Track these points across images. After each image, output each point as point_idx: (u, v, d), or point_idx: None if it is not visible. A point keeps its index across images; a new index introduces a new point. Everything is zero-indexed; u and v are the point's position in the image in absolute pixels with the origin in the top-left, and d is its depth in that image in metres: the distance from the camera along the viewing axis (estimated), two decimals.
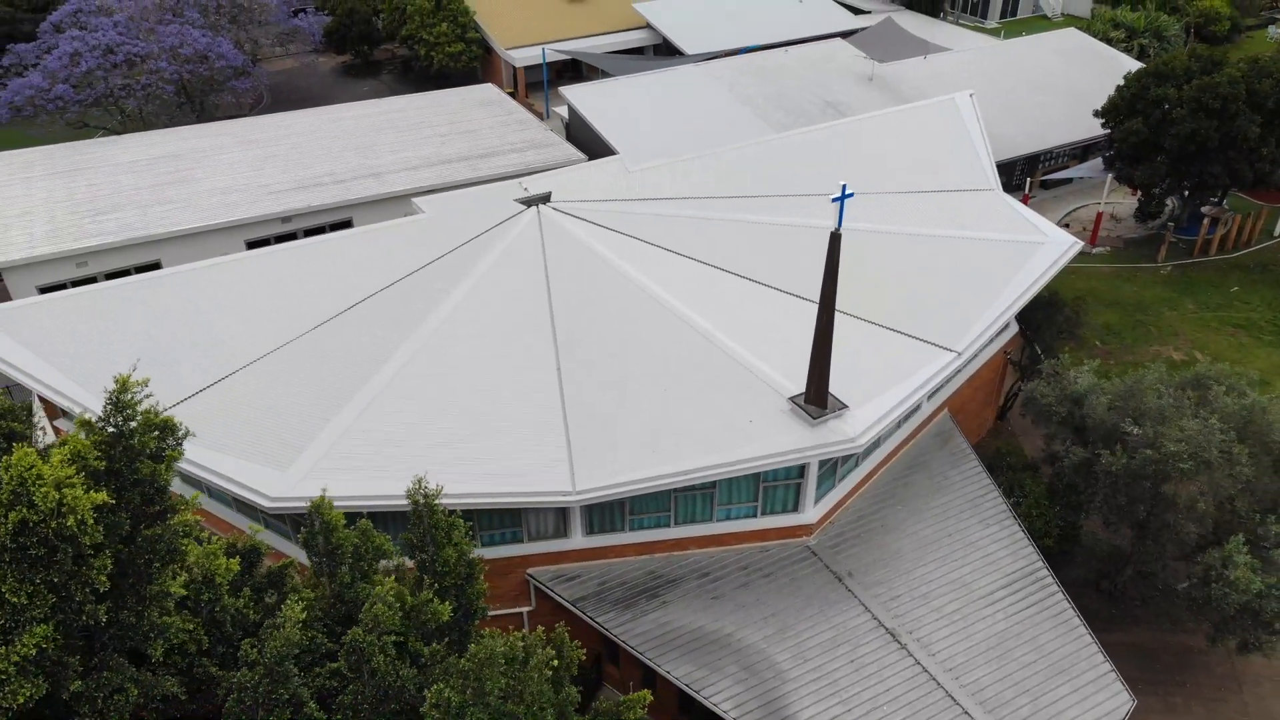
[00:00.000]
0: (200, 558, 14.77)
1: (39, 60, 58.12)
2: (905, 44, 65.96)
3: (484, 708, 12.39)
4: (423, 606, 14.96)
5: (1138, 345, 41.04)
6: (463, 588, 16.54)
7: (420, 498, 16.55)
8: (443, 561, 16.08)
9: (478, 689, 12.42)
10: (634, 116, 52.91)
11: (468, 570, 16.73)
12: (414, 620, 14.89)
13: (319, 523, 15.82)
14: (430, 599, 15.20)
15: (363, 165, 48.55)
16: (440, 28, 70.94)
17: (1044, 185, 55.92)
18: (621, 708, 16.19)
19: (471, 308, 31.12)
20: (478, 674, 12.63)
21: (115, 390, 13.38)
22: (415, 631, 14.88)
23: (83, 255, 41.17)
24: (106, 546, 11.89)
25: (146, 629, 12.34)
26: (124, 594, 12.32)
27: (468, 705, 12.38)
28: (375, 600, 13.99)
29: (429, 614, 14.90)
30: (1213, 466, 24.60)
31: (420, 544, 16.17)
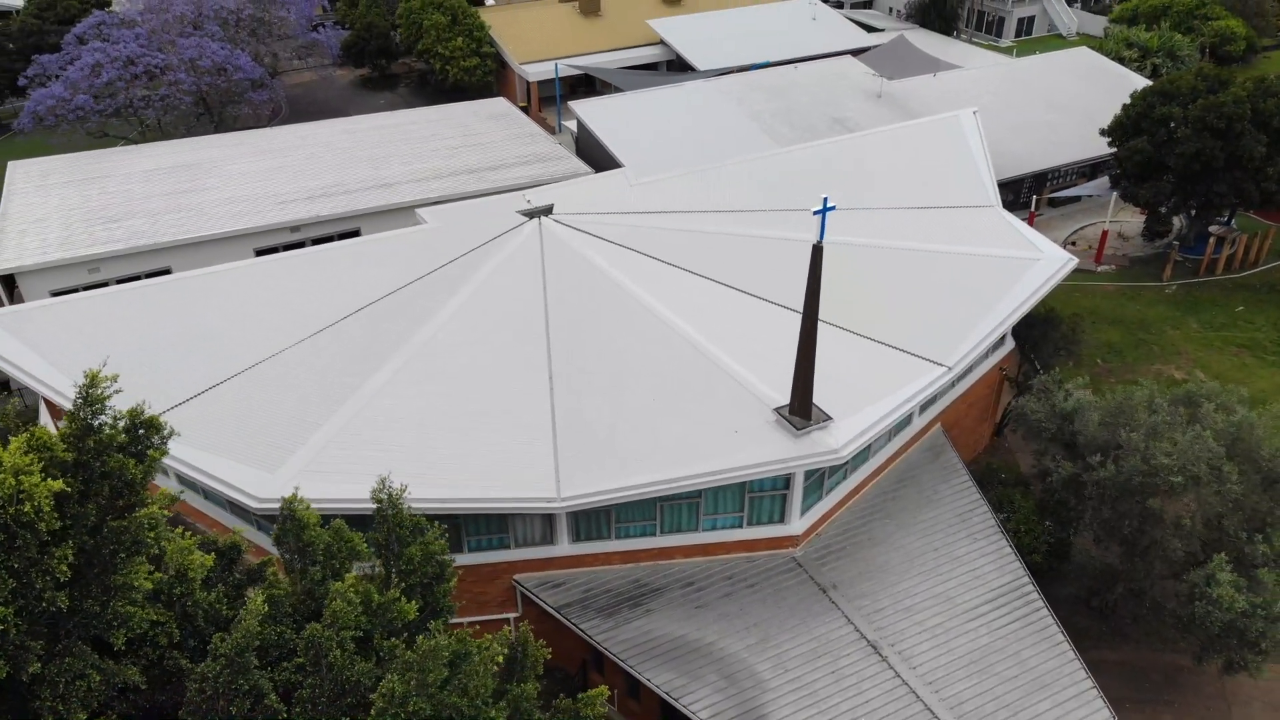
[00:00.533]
0: (174, 553, 15.13)
1: (62, 71, 59.38)
2: (916, 62, 66.26)
3: (426, 698, 12.66)
4: (389, 605, 15.25)
5: (1139, 364, 40.88)
6: (430, 587, 16.83)
7: (384, 496, 16.88)
8: (407, 559, 16.38)
9: (420, 679, 12.70)
10: (641, 131, 53.40)
11: (436, 570, 17.01)
12: (380, 618, 15.18)
13: (290, 520, 16.17)
14: (397, 597, 15.49)
15: (372, 176, 49.23)
16: (455, 42, 71.85)
17: (1052, 203, 55.87)
18: (580, 704, 16.38)
19: (467, 316, 31.52)
20: (421, 665, 12.90)
21: (84, 385, 13.79)
22: (381, 629, 15.17)
23: (94, 261, 41.96)
24: (70, 535, 12.27)
25: (110, 618, 12.70)
26: (89, 583, 12.69)
27: (411, 695, 12.65)
28: (335, 596, 14.30)
29: (395, 612, 15.18)
30: (1201, 483, 24.54)
31: (385, 542, 16.49)
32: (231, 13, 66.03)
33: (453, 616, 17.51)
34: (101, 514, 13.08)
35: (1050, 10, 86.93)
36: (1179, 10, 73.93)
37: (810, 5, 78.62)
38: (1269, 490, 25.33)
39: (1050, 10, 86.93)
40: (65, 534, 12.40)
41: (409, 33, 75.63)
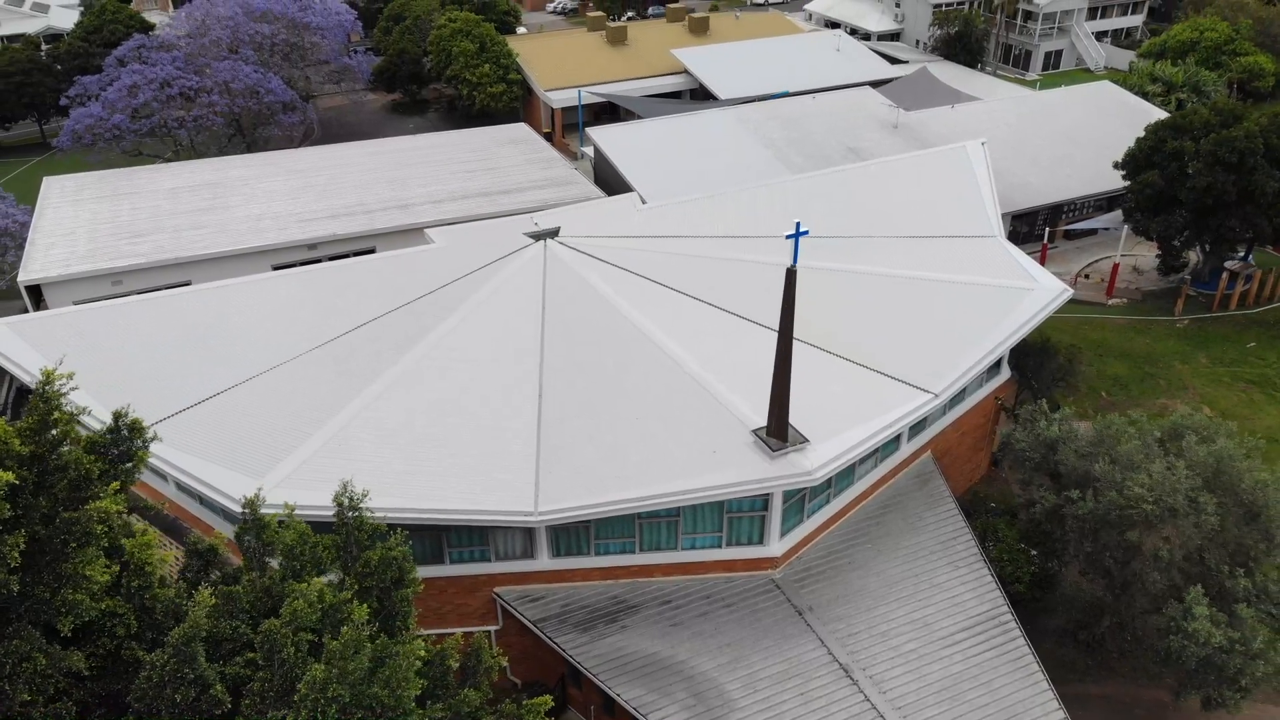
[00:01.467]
0: (134, 548, 15.80)
1: (102, 91, 61.58)
2: (936, 93, 66.60)
3: (346, 687, 13.11)
4: (341, 605, 15.75)
5: (1144, 398, 40.56)
6: (389, 591, 17.32)
7: (345, 500, 17.45)
8: (364, 562, 16.90)
9: (342, 669, 13.15)
10: (656, 157, 54.18)
11: (396, 575, 17.51)
12: (331, 618, 15.68)
13: (251, 520, 16.78)
14: (349, 599, 15.99)
15: (391, 197, 50.40)
16: (483, 69, 73.38)
17: (1068, 236, 55.71)
18: (524, 710, 16.71)
19: (464, 334, 32.18)
20: (343, 654, 13.37)
21: (40, 382, 14.52)
22: (332, 630, 15.66)
23: (117, 274, 43.36)
24: (22, 524, 12.95)
25: (59, 605, 13.33)
26: (40, 570, 13.35)
27: (331, 683, 13.11)
28: (298, 596, 14.84)
29: (345, 612, 15.68)
30: (1179, 515, 24.40)
31: (345, 545, 17.02)
32: (266, 38, 68.13)
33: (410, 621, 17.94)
34: (55, 505, 13.78)
35: (1079, 45, 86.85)
36: (1207, 46, 73.56)
37: (835, 37, 79.36)
38: (1251, 524, 25.10)
39: (1079, 45, 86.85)
40: (18, 523, 13.08)
41: (439, 59, 77.36)
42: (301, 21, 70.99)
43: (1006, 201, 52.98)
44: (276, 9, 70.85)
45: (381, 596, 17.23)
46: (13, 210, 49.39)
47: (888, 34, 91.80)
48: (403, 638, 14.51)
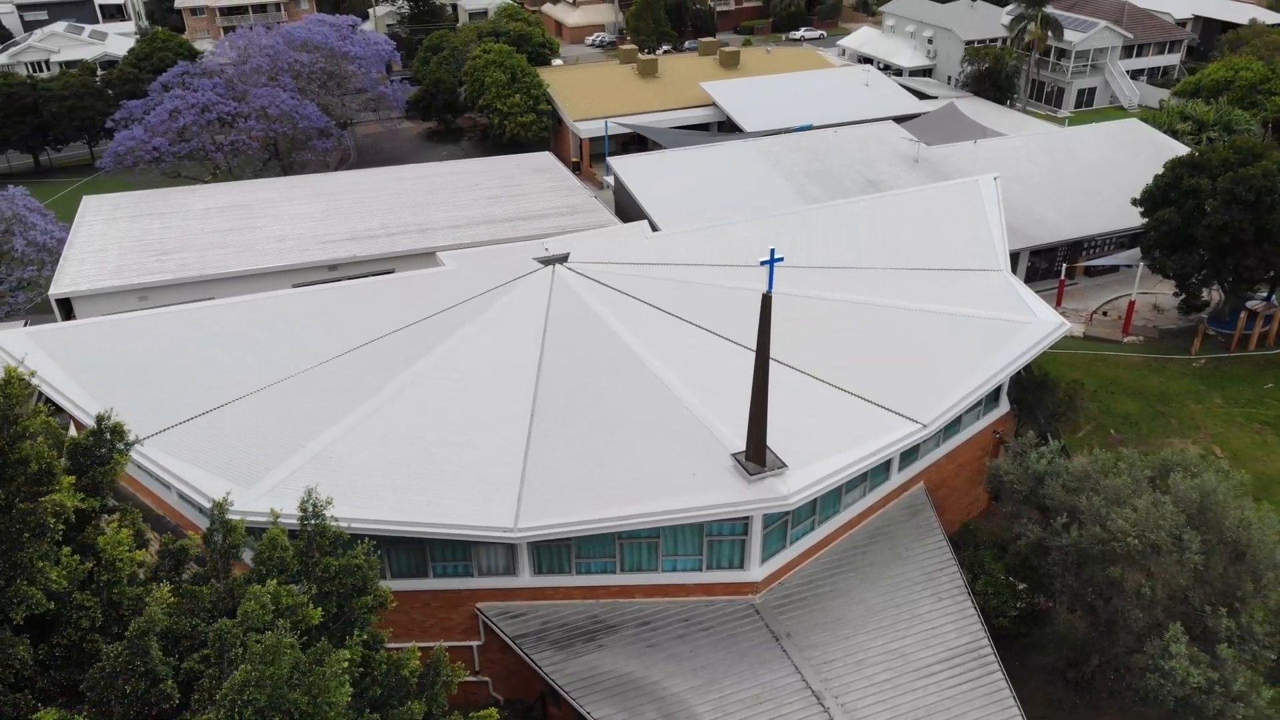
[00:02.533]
0: (107, 545, 16.46)
1: (145, 115, 63.88)
2: (962, 129, 66.59)
3: (264, 690, 13.50)
4: (296, 608, 16.23)
5: (1154, 436, 39.99)
6: (349, 597, 17.77)
7: (309, 507, 18.00)
8: (324, 568, 17.38)
9: (261, 673, 13.56)
10: (675, 187, 54.81)
11: (358, 583, 17.97)
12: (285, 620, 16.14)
13: (219, 522, 17.39)
14: (305, 602, 16.47)
15: (412, 221, 51.57)
16: (513, 99, 74.90)
17: (1089, 272, 55.24)
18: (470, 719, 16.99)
19: (464, 353, 32.82)
20: (264, 658, 13.78)
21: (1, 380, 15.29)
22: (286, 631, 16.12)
23: (144, 290, 44.84)
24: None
25: (11, 595, 13.97)
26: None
27: (249, 685, 13.52)
28: (251, 597, 15.36)
29: (299, 615, 16.14)
30: (1162, 551, 24.11)
31: (306, 550, 17.53)
32: (305, 66, 70.26)
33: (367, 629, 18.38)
34: (11, 497, 14.49)
35: (1112, 83, 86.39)
36: (1242, 85, 72.74)
37: (863, 72, 79.79)
38: (1237, 563, 24.70)
39: (1112, 83, 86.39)
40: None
41: (473, 89, 79.12)
42: (340, 51, 73.17)
43: (1024, 237, 52.85)
44: (317, 39, 73.18)
45: (341, 603, 17.69)
46: (51, 227, 51.32)
47: (920, 70, 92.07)
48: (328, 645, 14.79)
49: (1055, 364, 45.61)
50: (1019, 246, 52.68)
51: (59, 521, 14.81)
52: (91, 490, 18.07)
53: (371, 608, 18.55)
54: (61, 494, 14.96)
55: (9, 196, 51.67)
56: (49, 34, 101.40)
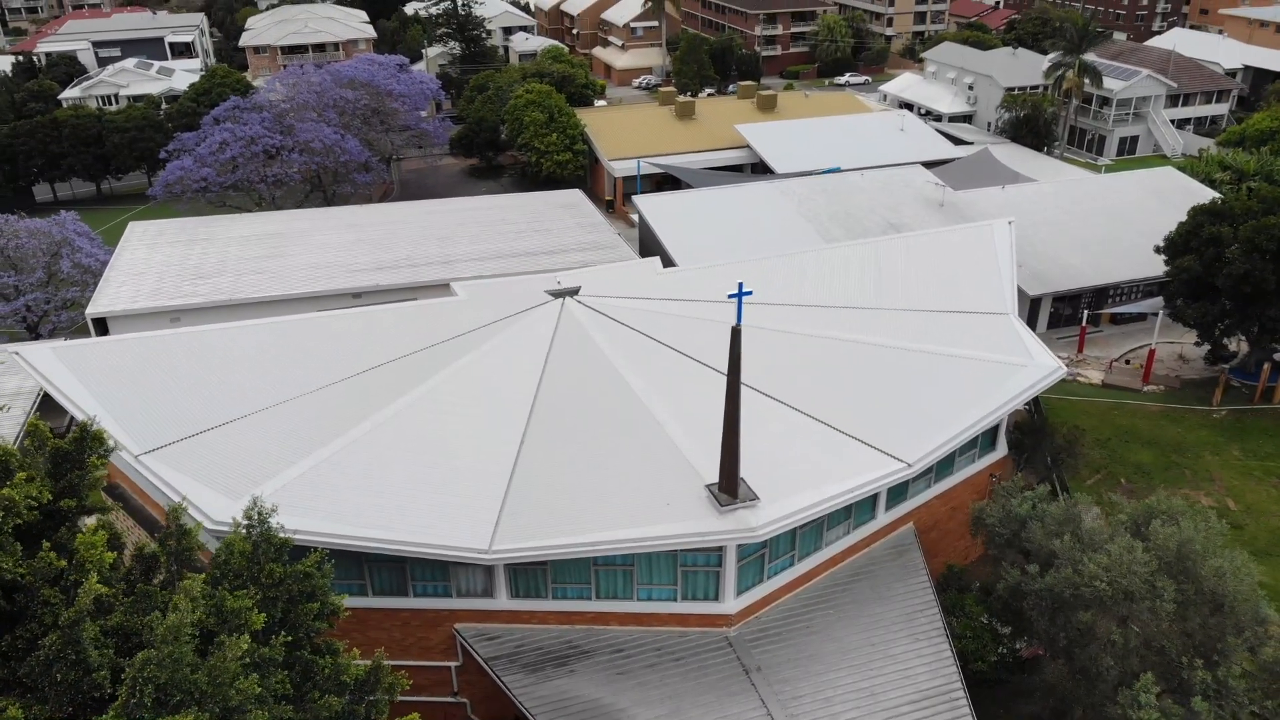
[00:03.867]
0: (81, 544, 17.36)
1: (196, 147, 66.68)
2: (993, 174, 66.52)
3: (165, 670, 14.11)
4: (240, 611, 16.91)
5: (1166, 487, 39.05)
6: (296, 602, 18.43)
7: (255, 514, 18.76)
8: (268, 573, 18.08)
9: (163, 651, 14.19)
10: (696, 225, 55.60)
11: (307, 590, 18.62)
12: (230, 623, 16.85)
13: (175, 525, 18.23)
14: (250, 606, 17.15)
15: (438, 253, 52.98)
16: (550, 138, 76.62)
17: (1115, 320, 54.54)
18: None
19: (464, 380, 33.62)
20: (164, 638, 14.43)
21: None
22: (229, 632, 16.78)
23: (176, 312, 46.67)
24: None
25: None
26: None
27: (150, 664, 14.16)
28: (182, 593, 16.11)
29: (242, 618, 16.82)
30: (1135, 598, 23.76)
31: (252, 556, 18.25)
32: (350, 103, 72.80)
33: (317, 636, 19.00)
34: None
35: (1155, 131, 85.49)
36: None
37: (899, 117, 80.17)
38: (1216, 614, 24.19)
39: (1155, 131, 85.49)
40: None
41: (513, 128, 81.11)
42: (385, 89, 75.69)
43: (1047, 282, 52.53)
44: (364, 77, 75.83)
45: (287, 609, 18.35)
46: (96, 250, 53.73)
47: (959, 116, 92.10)
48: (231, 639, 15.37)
49: (1070, 411, 45.09)
50: (1041, 292, 52.43)
51: (10, 515, 15.72)
52: (69, 492, 19.03)
53: (321, 615, 19.14)
54: (11, 490, 15.89)
55: (60, 221, 54.26)
56: (119, 69, 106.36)
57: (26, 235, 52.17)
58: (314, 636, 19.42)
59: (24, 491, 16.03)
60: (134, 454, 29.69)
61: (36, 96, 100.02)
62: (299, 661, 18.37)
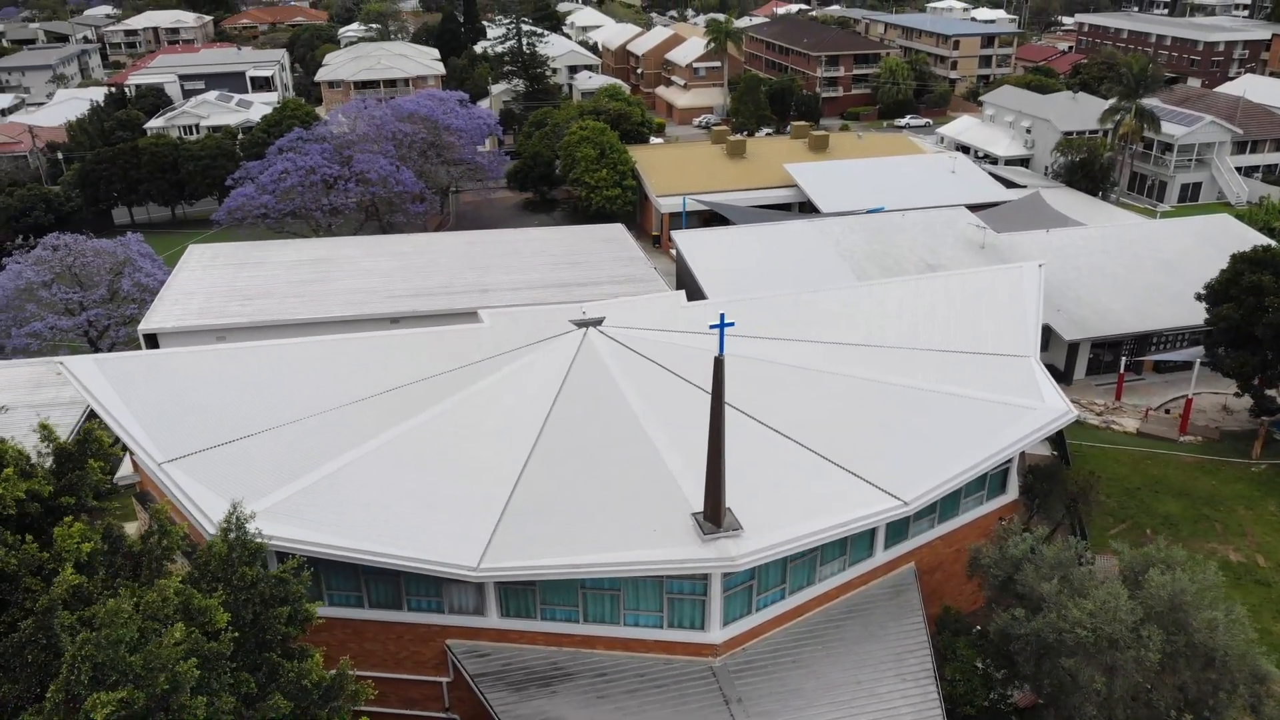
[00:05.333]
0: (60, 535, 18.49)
1: (260, 175, 69.70)
2: (1041, 218, 65.71)
3: (104, 651, 14.87)
4: (207, 609, 17.75)
5: (1193, 539, 38.04)
6: (269, 605, 19.21)
7: (233, 519, 19.65)
8: (240, 576, 18.89)
9: (101, 634, 14.96)
10: (732, 261, 56.07)
11: (280, 594, 19.41)
12: (197, 619, 17.68)
13: (156, 525, 19.23)
14: (216, 605, 17.97)
15: (475, 281, 54.38)
16: (600, 173, 78.05)
17: (1158, 368, 53.24)
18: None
19: (477, 404, 34.43)
20: (104, 621, 15.21)
21: None
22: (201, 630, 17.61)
23: (221, 330, 48.72)
24: None
25: None
26: None
27: (89, 643, 14.93)
28: (153, 590, 17.01)
29: (208, 616, 17.64)
30: (1119, 646, 23.23)
31: (227, 559, 19.10)
32: (407, 135, 75.34)
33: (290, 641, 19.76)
34: None
35: (1219, 178, 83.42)
36: None
37: (950, 159, 79.77)
38: (1208, 667, 23.48)
39: (1219, 178, 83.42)
40: None
41: (566, 163, 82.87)
42: (444, 124, 78.17)
43: (1084, 327, 51.61)
44: (423, 111, 78.47)
45: (258, 611, 19.16)
46: (156, 270, 56.44)
47: (1016, 160, 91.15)
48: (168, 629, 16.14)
49: (1101, 459, 44.11)
50: (1079, 337, 51.53)
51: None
52: (68, 490, 20.27)
53: (293, 621, 19.90)
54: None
55: (125, 242, 57.18)
56: (201, 101, 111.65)
57: (92, 254, 55.06)
58: (289, 641, 20.17)
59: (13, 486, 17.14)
60: (158, 462, 31.09)
61: (124, 125, 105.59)
62: (266, 663, 19.11)
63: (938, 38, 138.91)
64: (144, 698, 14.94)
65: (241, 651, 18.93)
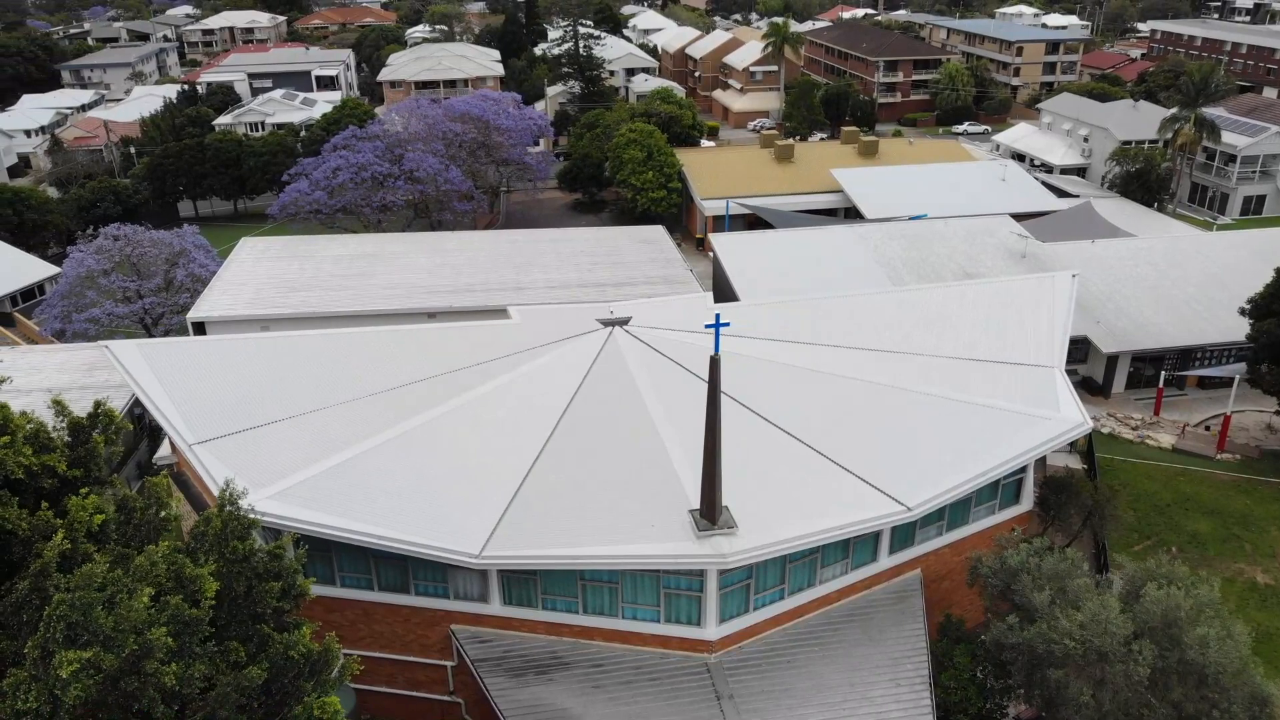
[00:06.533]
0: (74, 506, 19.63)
1: (313, 172, 71.76)
2: (1091, 228, 64.55)
3: (75, 608, 15.79)
4: (196, 578, 18.71)
5: (1220, 559, 37.22)
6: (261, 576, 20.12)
7: (228, 495, 20.61)
8: (232, 549, 19.84)
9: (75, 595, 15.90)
10: (766, 265, 56.14)
11: (273, 569, 20.32)
12: (187, 588, 18.64)
13: (152, 496, 20.31)
14: (205, 575, 18.91)
15: (513, 279, 55.37)
16: (646, 176, 78.67)
17: (1202, 384, 51.98)
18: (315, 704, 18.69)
19: (496, 398, 35.26)
20: (78, 584, 16.14)
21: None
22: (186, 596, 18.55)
23: (265, 320, 50.41)
24: None
25: None
26: None
27: (63, 604, 15.88)
28: (145, 555, 18.02)
29: (197, 585, 18.60)
30: (1109, 659, 23.03)
31: (220, 533, 20.06)
32: (458, 135, 76.84)
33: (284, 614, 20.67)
34: None
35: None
36: None
37: (1001, 167, 78.66)
38: (1201, 687, 23.14)
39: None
40: None
41: (614, 165, 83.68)
42: (494, 124, 79.56)
43: (1123, 340, 50.65)
44: (475, 111, 79.97)
45: (251, 584, 20.09)
46: (208, 262, 58.58)
47: (1072, 168, 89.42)
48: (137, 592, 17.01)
49: (1133, 474, 43.35)
50: (1118, 350, 50.60)
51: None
52: (79, 463, 21.48)
53: (285, 596, 20.79)
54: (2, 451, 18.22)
55: (181, 234, 59.46)
56: (268, 99, 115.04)
57: (149, 245, 57.38)
58: (282, 615, 21.07)
59: (16, 453, 18.30)
60: (188, 443, 32.50)
61: (194, 122, 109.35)
62: (257, 634, 20.03)
63: (1001, 43, 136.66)
64: (113, 659, 15.91)
65: (234, 623, 19.88)
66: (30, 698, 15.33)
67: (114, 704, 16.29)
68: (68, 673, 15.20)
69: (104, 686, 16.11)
